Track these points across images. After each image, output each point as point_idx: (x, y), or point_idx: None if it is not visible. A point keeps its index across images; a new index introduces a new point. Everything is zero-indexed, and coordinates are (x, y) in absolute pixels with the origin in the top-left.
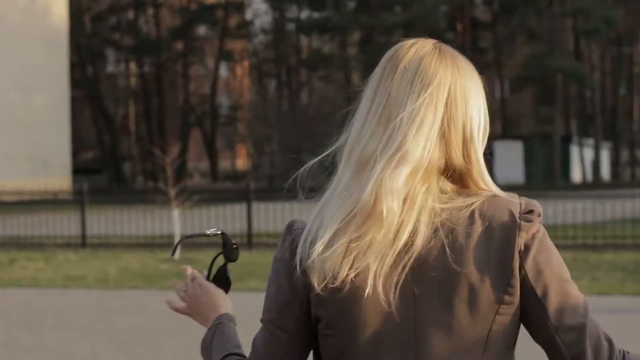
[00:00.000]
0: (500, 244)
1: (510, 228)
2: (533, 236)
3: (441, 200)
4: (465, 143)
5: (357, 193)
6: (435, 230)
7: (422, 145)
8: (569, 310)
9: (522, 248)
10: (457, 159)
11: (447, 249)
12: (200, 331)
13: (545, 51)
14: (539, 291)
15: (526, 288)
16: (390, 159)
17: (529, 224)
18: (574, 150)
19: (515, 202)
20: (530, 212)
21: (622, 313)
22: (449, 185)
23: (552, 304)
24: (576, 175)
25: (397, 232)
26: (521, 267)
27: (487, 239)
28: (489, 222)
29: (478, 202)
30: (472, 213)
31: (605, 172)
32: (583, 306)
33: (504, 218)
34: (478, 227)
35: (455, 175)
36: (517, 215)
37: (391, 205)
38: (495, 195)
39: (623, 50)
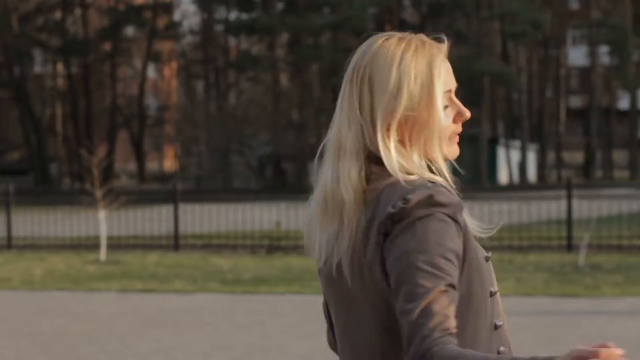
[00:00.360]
0: (376, 227)
1: (385, 213)
2: (398, 221)
3: (367, 182)
4: (375, 129)
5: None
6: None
7: (349, 134)
8: (403, 296)
9: (388, 231)
10: (372, 145)
11: (358, 228)
12: (128, 334)
13: (472, 54)
14: (390, 273)
15: (386, 270)
16: (335, 150)
17: (397, 211)
18: (501, 152)
19: (405, 190)
20: (408, 200)
21: (547, 314)
22: (376, 168)
23: (395, 287)
24: (503, 177)
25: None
26: (383, 249)
27: (371, 222)
28: (380, 206)
29: (383, 187)
30: (378, 196)
31: (532, 173)
32: (419, 296)
33: (388, 203)
34: (371, 211)
35: (379, 160)
36: (396, 201)
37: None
38: (395, 182)
39: (550, 52)
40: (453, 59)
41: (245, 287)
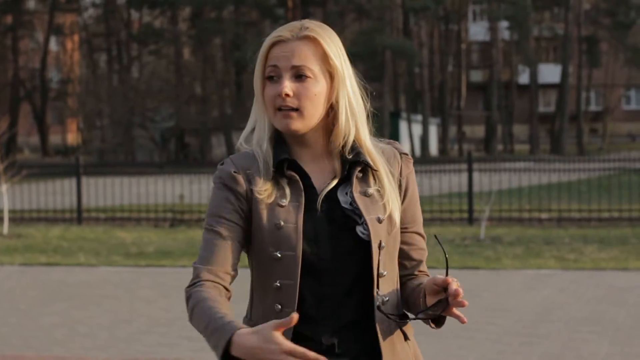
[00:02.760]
0: None
1: None
2: None
3: None
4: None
5: None
6: None
7: None
8: None
9: None
10: None
11: None
12: (31, 307)
13: (374, 28)
14: None
15: None
16: None
17: None
18: (403, 126)
19: None
20: None
21: None
22: None
23: None
24: (405, 150)
25: None
26: None
27: None
28: None
29: None
30: None
31: (433, 147)
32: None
33: None
34: None
35: None
36: None
37: None
38: None
39: (451, 27)
40: (355, 34)
41: (149, 261)
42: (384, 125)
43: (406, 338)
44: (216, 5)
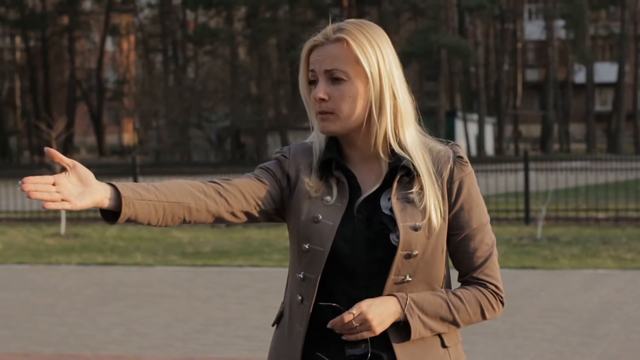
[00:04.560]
0: None
1: None
2: None
3: None
4: None
5: None
6: None
7: None
8: None
9: None
10: None
11: None
12: (88, 307)
13: (429, 27)
14: None
15: None
16: None
17: None
18: (459, 125)
19: None
20: None
21: (505, 286)
22: None
23: None
24: None
25: None
26: None
27: None
28: None
29: None
30: None
31: (489, 146)
32: None
33: None
34: None
35: None
36: None
37: None
38: None
39: (506, 26)
40: (410, 33)
41: (206, 260)
42: (440, 125)
43: (444, 345)
44: (271, 5)
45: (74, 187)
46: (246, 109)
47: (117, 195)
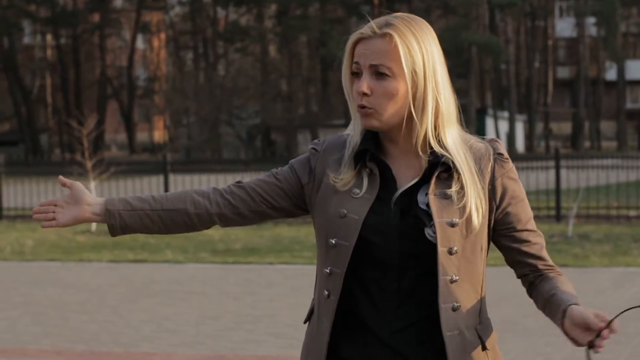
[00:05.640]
0: None
1: None
2: None
3: None
4: None
5: None
6: None
7: None
8: None
9: None
10: None
11: None
12: (119, 304)
13: (460, 24)
14: None
15: None
16: None
17: None
18: (489, 123)
19: None
20: None
21: None
22: None
23: None
24: None
25: None
26: None
27: None
28: None
29: None
30: None
31: (520, 144)
32: None
33: None
34: None
35: None
36: None
37: None
38: None
39: (537, 23)
40: (440, 30)
41: (236, 257)
42: (470, 122)
43: (484, 348)
44: (302, 2)
45: (67, 206)
46: (276, 107)
47: (105, 210)
